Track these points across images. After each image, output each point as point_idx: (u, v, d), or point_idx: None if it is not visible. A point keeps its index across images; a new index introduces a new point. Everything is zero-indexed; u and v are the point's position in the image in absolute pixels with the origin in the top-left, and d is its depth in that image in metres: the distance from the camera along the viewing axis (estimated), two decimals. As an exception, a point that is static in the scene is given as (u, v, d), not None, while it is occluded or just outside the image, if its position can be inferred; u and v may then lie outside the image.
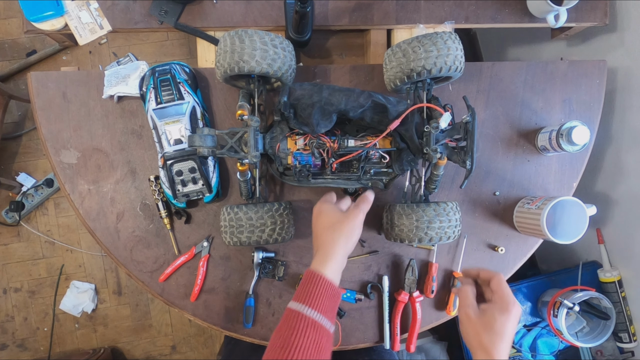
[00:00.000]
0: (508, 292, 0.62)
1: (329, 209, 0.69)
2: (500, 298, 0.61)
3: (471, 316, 0.62)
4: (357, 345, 0.84)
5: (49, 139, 0.81)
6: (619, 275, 1.01)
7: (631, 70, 0.91)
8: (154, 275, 0.82)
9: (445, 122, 0.67)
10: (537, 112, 0.86)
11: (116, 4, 0.84)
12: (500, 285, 0.62)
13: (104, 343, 1.73)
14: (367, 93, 0.71)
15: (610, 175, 1.01)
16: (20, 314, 1.71)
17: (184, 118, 0.76)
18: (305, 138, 0.74)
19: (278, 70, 0.69)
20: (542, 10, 0.85)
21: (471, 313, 0.62)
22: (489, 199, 0.86)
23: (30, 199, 1.67)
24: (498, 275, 0.63)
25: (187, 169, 0.76)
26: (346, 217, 0.67)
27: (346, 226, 0.66)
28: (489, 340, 0.60)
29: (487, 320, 0.60)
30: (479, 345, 0.60)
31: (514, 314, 0.60)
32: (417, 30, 0.87)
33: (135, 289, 1.74)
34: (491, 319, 0.60)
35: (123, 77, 0.81)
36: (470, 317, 0.62)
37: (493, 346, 0.59)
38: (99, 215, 0.82)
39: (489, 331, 0.60)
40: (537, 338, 1.03)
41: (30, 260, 1.71)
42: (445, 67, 0.68)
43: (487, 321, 0.60)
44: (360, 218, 0.68)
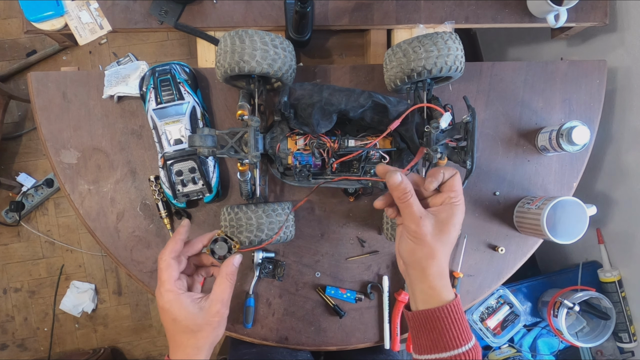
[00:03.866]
0: (461, 189, 0.55)
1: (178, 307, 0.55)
2: (458, 197, 0.53)
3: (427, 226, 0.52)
4: (357, 345, 0.84)
5: (49, 139, 0.81)
6: (619, 275, 1.01)
7: (631, 70, 0.91)
8: (154, 275, 0.82)
9: (445, 122, 0.67)
10: (537, 112, 0.86)
11: (116, 4, 0.84)
12: (458, 181, 0.54)
13: (104, 343, 1.73)
14: (368, 93, 0.71)
15: (610, 175, 1.01)
16: (20, 314, 1.71)
17: (184, 118, 0.76)
18: (306, 138, 0.74)
19: (278, 71, 0.69)
20: (542, 10, 0.86)
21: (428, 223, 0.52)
22: (489, 199, 0.86)
23: (30, 199, 1.67)
24: (455, 173, 0.55)
25: (187, 169, 0.76)
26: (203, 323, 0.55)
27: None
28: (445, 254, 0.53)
29: (445, 229, 0.52)
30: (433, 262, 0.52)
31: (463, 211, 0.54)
32: (417, 30, 0.87)
33: (135, 289, 1.74)
34: (449, 225, 0.52)
35: (123, 77, 0.81)
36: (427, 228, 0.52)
37: (447, 261, 0.54)
38: (99, 215, 0.82)
39: (446, 243, 0.52)
40: (537, 338, 1.03)
41: (30, 260, 1.71)
42: (445, 67, 0.68)
43: (445, 230, 0.52)
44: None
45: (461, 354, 0.52)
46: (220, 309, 0.55)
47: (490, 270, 0.86)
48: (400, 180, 0.53)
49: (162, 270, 0.56)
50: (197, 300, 0.56)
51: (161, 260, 0.56)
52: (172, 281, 0.56)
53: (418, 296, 0.55)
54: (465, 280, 0.85)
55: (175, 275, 0.56)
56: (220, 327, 0.57)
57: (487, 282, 0.86)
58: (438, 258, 0.53)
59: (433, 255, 0.53)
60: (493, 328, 1.00)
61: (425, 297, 0.54)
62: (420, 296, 0.54)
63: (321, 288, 0.84)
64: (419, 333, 0.55)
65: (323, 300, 0.84)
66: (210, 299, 0.56)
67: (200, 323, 0.55)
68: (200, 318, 0.55)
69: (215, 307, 0.55)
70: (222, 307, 0.56)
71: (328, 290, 0.83)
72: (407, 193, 0.53)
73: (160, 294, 0.56)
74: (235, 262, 0.58)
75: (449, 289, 0.54)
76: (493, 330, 1.00)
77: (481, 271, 0.85)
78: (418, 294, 0.55)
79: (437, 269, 0.53)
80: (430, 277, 0.53)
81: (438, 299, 0.53)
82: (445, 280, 0.54)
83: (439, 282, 0.53)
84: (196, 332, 0.55)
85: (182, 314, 0.55)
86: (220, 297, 0.56)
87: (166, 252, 0.57)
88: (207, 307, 0.55)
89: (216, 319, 0.55)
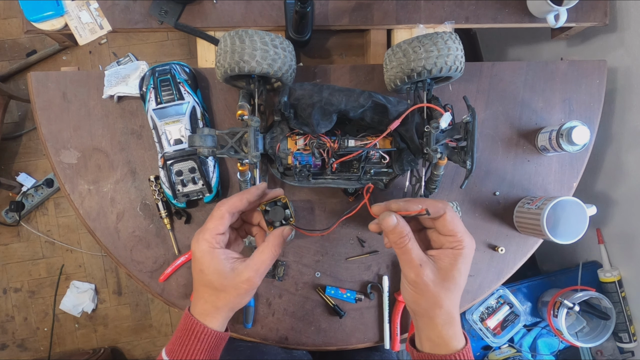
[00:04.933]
0: (464, 230, 0.49)
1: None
2: (458, 241, 0.49)
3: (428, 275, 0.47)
4: (357, 345, 0.84)
5: (49, 139, 0.81)
6: (619, 275, 1.01)
7: (631, 70, 0.91)
8: (154, 275, 0.82)
9: (445, 122, 0.67)
10: (537, 112, 0.86)
11: (116, 4, 0.84)
12: (455, 222, 0.49)
13: (104, 343, 1.73)
14: (368, 93, 0.71)
15: (610, 175, 1.01)
16: (20, 314, 1.71)
17: (184, 118, 0.76)
18: (306, 138, 0.74)
19: (278, 71, 0.69)
20: (542, 10, 0.86)
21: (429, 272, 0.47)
22: (489, 199, 0.86)
23: (30, 199, 1.67)
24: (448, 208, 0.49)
25: (187, 169, 0.76)
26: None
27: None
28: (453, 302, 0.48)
29: (448, 276, 0.47)
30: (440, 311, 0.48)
31: (472, 252, 0.49)
32: (417, 30, 0.87)
33: (135, 289, 1.74)
34: (453, 272, 0.47)
35: (123, 77, 0.81)
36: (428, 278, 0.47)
37: (457, 308, 0.49)
38: (99, 215, 0.82)
39: (451, 292, 0.48)
40: (537, 338, 1.03)
41: (30, 260, 1.71)
42: (445, 67, 0.68)
43: (448, 277, 0.47)
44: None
45: None
46: (253, 277, 0.51)
47: (490, 270, 0.86)
48: (394, 223, 0.48)
49: (213, 218, 0.52)
50: (232, 260, 0.52)
51: (217, 209, 0.53)
52: (214, 233, 0.52)
53: (425, 342, 0.51)
54: (465, 280, 0.85)
55: (221, 229, 0.52)
56: (247, 295, 0.52)
57: (487, 282, 0.86)
58: (445, 306, 0.48)
59: (439, 304, 0.48)
60: (493, 328, 1.00)
61: (431, 345, 0.50)
62: (427, 343, 0.51)
63: (321, 288, 0.84)
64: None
65: (323, 300, 0.84)
66: (246, 263, 0.52)
67: (226, 284, 0.51)
68: (229, 279, 0.51)
69: (248, 273, 0.51)
70: (256, 276, 0.51)
71: (328, 290, 0.83)
72: (404, 237, 0.48)
73: (197, 240, 0.52)
74: (285, 233, 0.54)
75: (459, 337, 0.50)
76: (493, 330, 1.00)
77: (481, 271, 0.85)
78: (425, 340, 0.51)
79: (446, 317, 0.49)
80: (438, 326, 0.49)
81: (446, 348, 0.49)
82: (454, 328, 0.50)
83: (448, 330, 0.49)
84: (219, 291, 0.51)
85: (210, 268, 0.51)
86: (257, 265, 0.51)
87: (227, 204, 0.53)
88: (240, 271, 0.51)
89: (245, 285, 0.51)
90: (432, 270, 0.48)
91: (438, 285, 0.47)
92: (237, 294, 0.51)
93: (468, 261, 0.49)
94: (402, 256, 0.49)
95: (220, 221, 0.52)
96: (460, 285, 0.49)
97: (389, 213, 0.49)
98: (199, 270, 0.52)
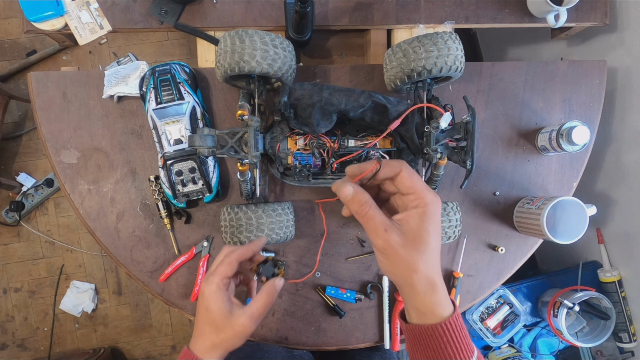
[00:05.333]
0: (424, 186, 0.47)
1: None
2: (420, 199, 0.46)
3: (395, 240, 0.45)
4: (357, 345, 0.84)
5: (49, 139, 0.81)
6: (619, 275, 1.01)
7: (631, 70, 0.91)
8: (154, 275, 0.82)
9: (445, 122, 0.67)
10: (537, 112, 0.86)
11: (116, 4, 0.84)
12: (413, 179, 0.47)
13: (104, 343, 1.73)
14: (367, 93, 0.71)
15: (610, 175, 1.01)
16: (20, 314, 1.71)
17: (184, 118, 0.76)
18: (306, 138, 0.74)
19: (278, 71, 0.69)
20: (542, 10, 0.86)
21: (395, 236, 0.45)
22: (489, 199, 0.86)
23: (30, 199, 1.67)
24: (404, 165, 0.47)
25: (187, 169, 0.76)
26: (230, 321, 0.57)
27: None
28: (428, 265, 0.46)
29: (417, 238, 0.45)
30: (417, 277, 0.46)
31: (439, 212, 0.47)
32: (417, 30, 0.87)
33: (135, 289, 1.74)
34: (421, 233, 0.45)
35: (123, 77, 0.81)
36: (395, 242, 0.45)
37: (434, 271, 0.47)
38: (99, 215, 0.82)
39: (423, 254, 0.45)
40: (537, 338, 1.03)
41: (30, 260, 1.71)
42: (445, 67, 0.68)
43: (417, 239, 0.45)
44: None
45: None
46: (248, 323, 0.56)
47: (490, 270, 0.86)
48: (351, 192, 0.46)
49: (223, 264, 0.58)
50: (233, 304, 0.58)
51: (227, 257, 0.59)
52: (223, 276, 0.58)
53: (411, 312, 0.49)
54: (465, 280, 0.85)
55: (229, 273, 0.58)
56: (241, 338, 0.57)
57: (487, 282, 0.86)
58: (421, 270, 0.46)
59: (414, 268, 0.46)
60: (493, 328, 1.00)
61: (418, 314, 0.48)
62: (414, 313, 0.49)
63: (321, 288, 0.84)
64: (413, 347, 0.50)
65: (323, 300, 0.84)
66: (244, 309, 0.57)
67: (225, 323, 0.56)
68: (228, 319, 0.56)
69: (244, 319, 0.56)
70: (250, 322, 0.56)
71: (328, 290, 0.83)
72: (364, 204, 0.46)
73: (208, 281, 0.57)
74: (277, 285, 0.60)
75: (444, 304, 0.48)
76: (493, 330, 1.00)
77: (481, 271, 0.85)
78: (411, 310, 0.49)
79: (425, 282, 0.46)
80: (420, 294, 0.47)
81: (432, 316, 0.47)
82: (438, 294, 0.47)
83: (431, 297, 0.47)
84: (219, 330, 0.56)
85: (215, 307, 0.56)
86: (252, 312, 0.57)
87: (236, 253, 0.59)
88: (238, 315, 0.56)
89: (239, 329, 0.56)
90: (398, 233, 0.46)
91: (408, 247, 0.45)
92: (233, 334, 0.56)
93: (435, 220, 0.46)
94: (366, 224, 0.47)
95: (229, 267, 0.58)
96: (433, 246, 0.46)
97: (343, 183, 0.47)
98: (205, 308, 0.57)
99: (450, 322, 0.47)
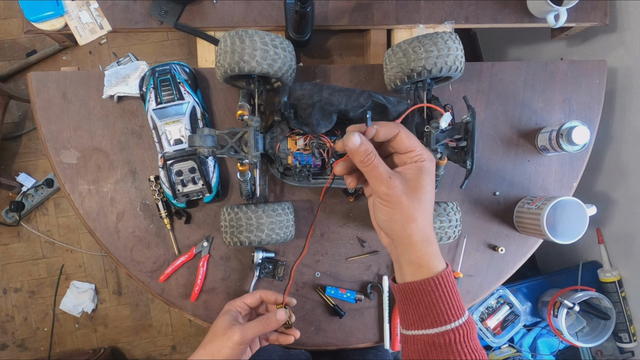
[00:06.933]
0: (421, 145, 0.51)
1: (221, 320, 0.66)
2: (418, 155, 0.49)
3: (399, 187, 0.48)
4: (357, 345, 0.84)
5: (49, 139, 0.81)
6: (619, 275, 1.01)
7: (631, 70, 0.91)
8: (154, 275, 0.82)
9: (445, 122, 0.67)
10: (537, 112, 0.86)
11: (116, 4, 0.84)
12: (411, 138, 0.50)
13: (104, 343, 1.73)
14: (367, 93, 0.71)
15: (610, 175, 1.01)
16: (20, 314, 1.71)
17: (184, 118, 0.76)
18: (306, 138, 0.74)
19: (278, 71, 0.69)
20: (542, 10, 0.86)
21: (399, 183, 0.48)
22: (489, 199, 0.86)
23: (30, 199, 1.67)
24: (401, 127, 0.50)
25: (187, 169, 0.76)
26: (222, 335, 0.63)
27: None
28: (425, 217, 0.49)
29: (417, 189, 0.48)
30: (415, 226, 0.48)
31: (434, 169, 0.50)
32: (417, 30, 0.87)
33: (135, 289, 1.74)
34: (421, 184, 0.48)
35: (123, 77, 0.81)
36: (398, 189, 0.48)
37: (430, 224, 0.49)
38: (99, 215, 0.82)
39: (422, 204, 0.48)
40: (537, 338, 1.03)
41: (30, 260, 1.71)
42: (445, 67, 0.68)
43: (417, 190, 0.48)
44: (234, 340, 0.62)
45: (450, 330, 0.47)
46: (238, 336, 0.62)
47: (490, 270, 0.86)
48: (359, 142, 0.48)
49: (251, 295, 0.69)
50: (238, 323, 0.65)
51: (255, 293, 0.70)
52: (244, 302, 0.68)
53: (405, 268, 0.50)
54: (465, 280, 0.85)
55: (249, 303, 0.69)
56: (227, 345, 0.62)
57: (487, 282, 0.86)
58: (420, 220, 0.48)
59: (413, 217, 0.48)
60: (493, 328, 1.00)
61: (413, 269, 0.49)
62: (408, 268, 0.50)
63: (321, 288, 0.84)
64: (405, 307, 0.51)
65: (323, 300, 0.84)
66: (240, 326, 0.63)
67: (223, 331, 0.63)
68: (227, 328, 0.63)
69: (237, 332, 0.62)
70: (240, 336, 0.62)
71: (328, 290, 0.83)
72: (370, 154, 0.48)
73: (230, 302, 0.69)
74: (278, 316, 0.66)
75: (438, 258, 0.50)
76: (493, 330, 1.00)
77: (481, 271, 0.86)
78: (405, 266, 0.50)
79: (422, 233, 0.49)
80: (417, 244, 0.49)
81: (427, 269, 0.49)
82: (433, 246, 0.50)
83: (428, 248, 0.49)
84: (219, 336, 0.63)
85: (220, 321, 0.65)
86: (245, 330, 0.63)
87: (263, 292, 0.70)
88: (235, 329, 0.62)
89: (228, 344, 0.62)
90: (400, 181, 0.48)
91: (410, 195, 0.48)
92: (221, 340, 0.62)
93: (431, 176, 0.50)
94: (371, 173, 0.48)
95: (253, 299, 0.69)
96: (429, 199, 0.49)
97: (350, 134, 0.49)
98: (216, 320, 0.65)
99: (443, 276, 0.48)
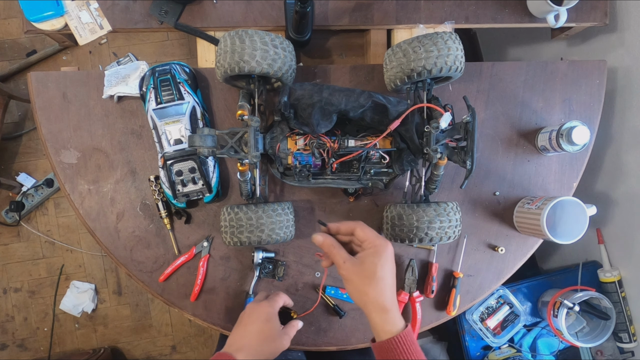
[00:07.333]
0: (375, 235, 0.61)
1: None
2: (371, 244, 0.60)
3: (350, 269, 0.60)
4: (357, 345, 0.84)
5: (49, 139, 0.81)
6: (619, 275, 1.01)
7: (631, 70, 0.91)
8: (154, 275, 0.82)
9: (445, 122, 0.67)
10: (537, 112, 0.86)
11: (116, 4, 0.84)
12: (365, 231, 0.62)
13: (104, 343, 1.73)
14: (367, 93, 0.71)
15: (610, 175, 1.01)
16: (20, 314, 1.71)
17: (184, 118, 0.76)
18: (306, 138, 0.74)
19: (278, 71, 0.69)
20: (542, 10, 0.86)
21: (350, 266, 0.60)
22: (489, 199, 0.86)
23: (30, 199, 1.67)
24: (358, 224, 0.63)
25: (187, 169, 0.76)
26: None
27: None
28: (377, 291, 0.59)
29: (367, 270, 0.59)
30: (368, 299, 0.59)
31: (389, 253, 0.60)
32: (417, 30, 0.87)
33: (135, 289, 1.74)
34: (371, 266, 0.59)
35: (123, 77, 0.81)
36: (350, 270, 0.60)
37: (384, 297, 0.59)
38: (99, 215, 0.82)
39: (372, 282, 0.59)
40: (537, 338, 1.03)
41: (30, 260, 1.71)
42: (445, 67, 0.68)
43: (367, 271, 0.59)
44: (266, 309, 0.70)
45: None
46: (287, 343, 0.70)
47: (490, 270, 0.86)
48: (322, 240, 0.63)
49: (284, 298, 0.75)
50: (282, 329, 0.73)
51: (285, 295, 0.75)
52: (280, 303, 0.73)
53: (373, 332, 0.62)
54: (465, 280, 0.85)
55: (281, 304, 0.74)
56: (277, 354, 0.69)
57: (487, 282, 0.86)
58: (371, 295, 0.59)
59: (365, 292, 0.59)
60: (493, 328, 1.00)
61: (375, 332, 0.61)
62: (374, 332, 0.62)
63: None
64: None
65: (323, 300, 0.84)
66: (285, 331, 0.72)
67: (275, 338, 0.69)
68: (278, 336, 0.70)
69: (286, 339, 0.71)
70: (288, 343, 0.71)
71: (328, 290, 0.83)
72: (331, 246, 0.62)
73: (272, 302, 0.72)
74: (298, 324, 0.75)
75: (394, 322, 0.59)
76: (493, 330, 1.00)
77: (481, 271, 0.86)
78: (372, 331, 0.62)
79: (376, 304, 0.59)
80: (372, 313, 0.60)
81: (383, 333, 0.59)
82: (387, 314, 0.59)
83: (381, 317, 0.59)
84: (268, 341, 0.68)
85: (275, 323, 0.71)
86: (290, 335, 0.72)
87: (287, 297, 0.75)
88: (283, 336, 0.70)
89: (281, 345, 0.70)
90: (352, 264, 0.60)
91: (360, 275, 0.59)
92: (275, 348, 0.69)
93: (384, 257, 0.60)
94: (333, 259, 0.62)
95: (283, 301, 0.74)
96: (382, 277, 0.59)
97: (317, 234, 0.64)
98: (266, 320, 0.69)
99: (400, 336, 0.58)
